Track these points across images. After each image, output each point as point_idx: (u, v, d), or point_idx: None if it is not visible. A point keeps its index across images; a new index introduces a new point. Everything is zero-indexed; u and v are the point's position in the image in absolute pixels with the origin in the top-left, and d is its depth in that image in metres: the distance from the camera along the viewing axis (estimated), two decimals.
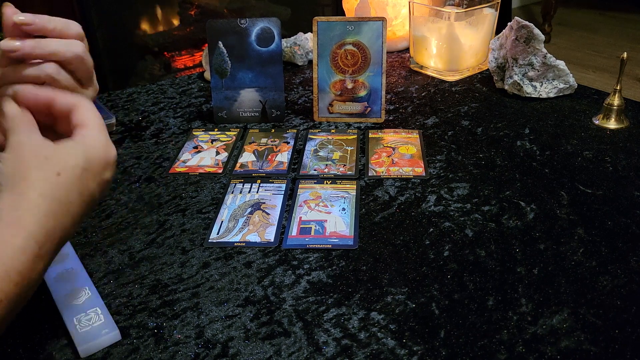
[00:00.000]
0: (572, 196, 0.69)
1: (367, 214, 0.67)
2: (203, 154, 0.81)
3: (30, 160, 0.45)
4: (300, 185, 0.73)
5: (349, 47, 0.86)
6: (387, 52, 1.16)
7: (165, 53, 2.27)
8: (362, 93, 0.88)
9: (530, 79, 0.93)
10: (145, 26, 2.24)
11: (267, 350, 0.50)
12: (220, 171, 0.77)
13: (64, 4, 1.84)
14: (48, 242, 0.43)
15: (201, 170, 0.78)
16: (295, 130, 0.88)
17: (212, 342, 0.51)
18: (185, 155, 0.81)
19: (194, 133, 0.87)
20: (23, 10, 0.47)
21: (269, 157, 0.80)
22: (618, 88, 0.84)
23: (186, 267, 0.60)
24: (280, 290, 0.56)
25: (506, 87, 0.96)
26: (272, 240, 0.63)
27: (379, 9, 1.13)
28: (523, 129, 0.85)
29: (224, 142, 0.85)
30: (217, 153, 0.82)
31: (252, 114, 0.90)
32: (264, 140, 0.85)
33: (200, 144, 0.84)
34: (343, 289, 0.56)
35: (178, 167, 0.79)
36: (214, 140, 0.85)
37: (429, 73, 1.07)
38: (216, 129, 0.89)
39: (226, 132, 0.88)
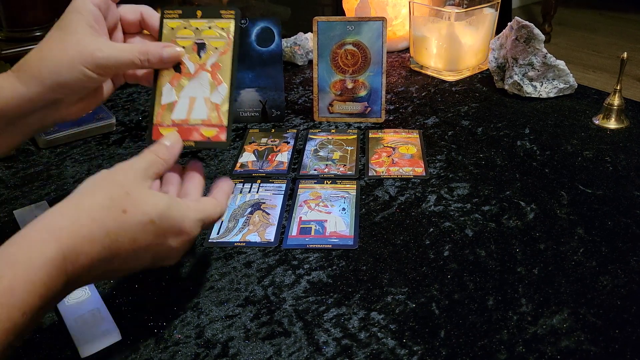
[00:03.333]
0: (572, 196, 0.69)
1: (367, 214, 0.67)
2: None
3: (112, 186, 0.44)
4: (300, 185, 0.73)
5: (349, 47, 0.86)
6: (387, 52, 1.16)
7: None
8: (362, 93, 0.88)
9: (531, 79, 0.93)
10: None
11: (267, 350, 0.50)
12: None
13: (64, 4, 1.84)
14: (75, 264, 0.40)
15: None
16: (295, 130, 0.88)
17: (212, 342, 0.51)
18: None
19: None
20: (22, 10, 0.48)
21: (269, 157, 0.80)
22: (618, 88, 0.84)
23: (186, 266, 0.60)
24: (280, 290, 0.56)
25: (506, 87, 0.96)
26: (272, 240, 0.63)
27: (379, 8, 1.13)
28: (523, 129, 0.85)
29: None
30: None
31: (252, 114, 0.90)
32: (264, 140, 0.85)
33: None
34: (343, 289, 0.56)
35: None
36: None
37: (429, 73, 1.07)
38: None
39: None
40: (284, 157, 0.80)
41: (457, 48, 1.03)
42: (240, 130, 0.89)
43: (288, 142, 0.84)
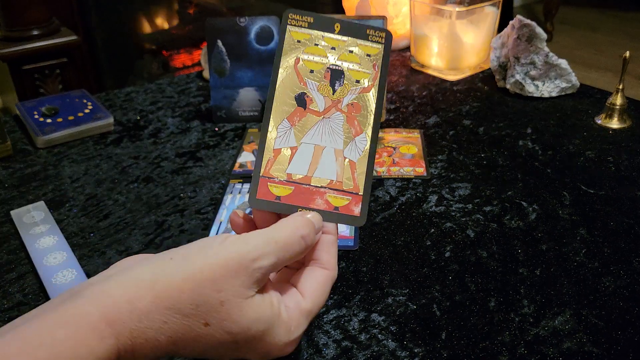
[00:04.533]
0: (575, 196, 0.68)
1: (367, 215, 0.66)
2: None
3: (207, 288, 0.34)
4: None
5: None
6: None
7: (164, 52, 2.27)
8: None
9: (532, 78, 0.93)
10: (143, 25, 2.24)
11: None
12: None
13: (64, 3, 1.83)
14: None
15: None
16: None
17: None
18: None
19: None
20: (22, 10, 0.46)
21: None
22: (621, 87, 0.84)
23: None
24: None
25: (508, 86, 0.96)
26: None
27: (379, 7, 1.12)
28: (525, 129, 0.85)
29: None
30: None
31: (251, 114, 0.90)
32: None
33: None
34: (343, 290, 0.55)
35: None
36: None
37: (430, 72, 1.07)
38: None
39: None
40: None
41: (459, 47, 1.02)
42: (239, 130, 0.88)
43: None
